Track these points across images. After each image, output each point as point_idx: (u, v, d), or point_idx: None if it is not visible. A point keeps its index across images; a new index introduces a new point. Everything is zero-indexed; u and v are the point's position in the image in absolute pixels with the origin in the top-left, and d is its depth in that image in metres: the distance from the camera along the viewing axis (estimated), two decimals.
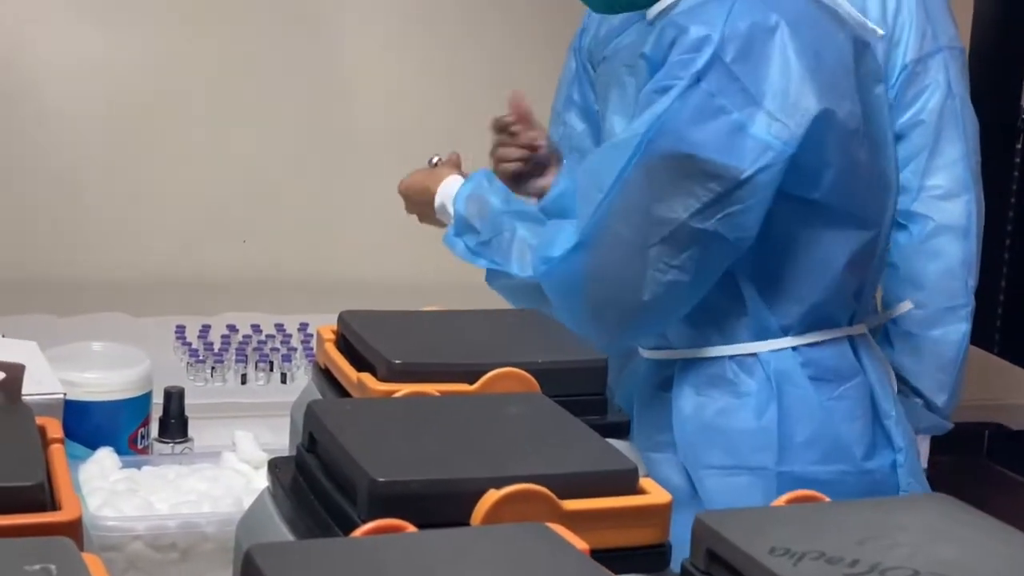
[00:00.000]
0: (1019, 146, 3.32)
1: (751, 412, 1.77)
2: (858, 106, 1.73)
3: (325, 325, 1.50)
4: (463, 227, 1.87)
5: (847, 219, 1.77)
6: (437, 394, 1.28)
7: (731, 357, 1.79)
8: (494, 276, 1.87)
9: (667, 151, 1.64)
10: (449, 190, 1.93)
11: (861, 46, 1.77)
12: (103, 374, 1.70)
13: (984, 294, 2.24)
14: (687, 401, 1.81)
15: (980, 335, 3.00)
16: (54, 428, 1.18)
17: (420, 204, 2.02)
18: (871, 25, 1.81)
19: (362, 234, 3.30)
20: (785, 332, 1.78)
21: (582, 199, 1.71)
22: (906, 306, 2.07)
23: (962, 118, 2.16)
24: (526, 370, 1.31)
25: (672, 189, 1.65)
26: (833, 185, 1.73)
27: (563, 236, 1.72)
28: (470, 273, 3.13)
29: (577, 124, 2.23)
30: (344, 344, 1.43)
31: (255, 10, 3.19)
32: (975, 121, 2.20)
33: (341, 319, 1.45)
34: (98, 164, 3.16)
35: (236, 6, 3.18)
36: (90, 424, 1.66)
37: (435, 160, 2.09)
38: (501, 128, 2.14)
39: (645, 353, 1.90)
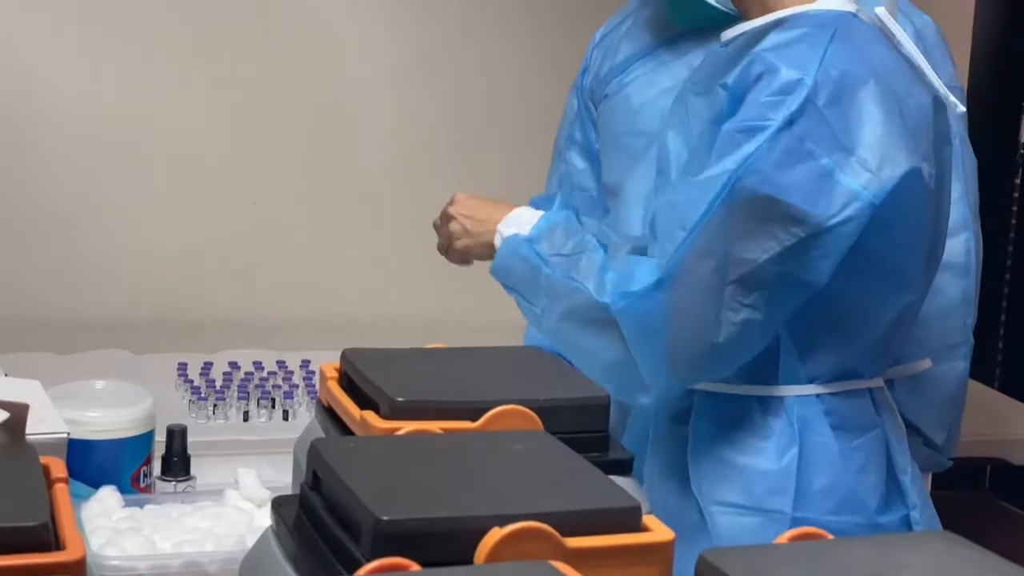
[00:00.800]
0: (1018, 181, 3.33)
1: (772, 454, 1.75)
2: (934, 167, 1.73)
3: (327, 362, 1.50)
4: (540, 237, 1.82)
5: (901, 280, 1.75)
6: (440, 432, 1.28)
7: (756, 397, 1.77)
8: (540, 296, 1.81)
9: (753, 192, 1.62)
10: (532, 212, 1.89)
11: (939, 105, 1.76)
12: (106, 412, 1.70)
13: (984, 329, 2.24)
14: (705, 436, 1.79)
15: (981, 370, 3.00)
16: (58, 467, 1.18)
17: (475, 220, 1.96)
18: (952, 98, 1.76)
19: (364, 272, 3.30)
20: (811, 380, 1.76)
21: (663, 236, 1.68)
22: (925, 364, 2.03)
23: (961, 157, 2.16)
24: (528, 407, 1.31)
25: (753, 231, 1.63)
26: (900, 244, 1.72)
27: (643, 271, 1.69)
28: (472, 311, 3.15)
29: (578, 162, 2.24)
30: (347, 382, 1.44)
31: (256, 48, 3.21)
32: (974, 160, 2.20)
33: (344, 357, 1.46)
34: (99, 201, 3.16)
35: (237, 45, 3.19)
36: (93, 463, 1.66)
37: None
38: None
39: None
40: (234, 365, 2.61)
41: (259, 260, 3.23)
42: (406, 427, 1.29)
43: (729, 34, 1.79)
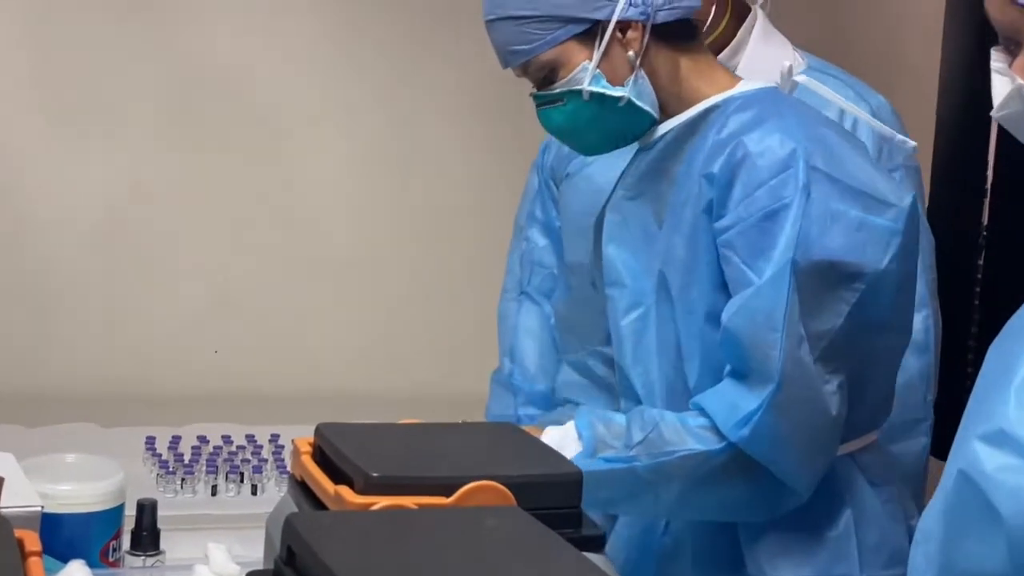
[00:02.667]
0: (981, 262, 3.37)
1: (827, 519, 1.75)
2: None
3: (297, 436, 1.51)
4: (597, 445, 1.71)
5: (905, 319, 1.80)
6: (414, 507, 1.29)
7: None
8: (643, 491, 1.71)
9: (812, 268, 1.64)
10: (557, 430, 1.74)
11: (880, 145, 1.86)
12: (76, 486, 1.70)
13: (947, 406, 2.26)
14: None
15: (944, 449, 3.02)
16: (32, 541, 1.18)
17: None
18: (900, 136, 1.86)
19: (333, 347, 3.31)
20: (843, 440, 1.75)
21: (754, 346, 1.65)
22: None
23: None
24: (502, 483, 1.32)
25: (823, 302, 1.65)
26: (911, 280, 1.77)
27: (741, 393, 1.65)
28: (443, 386, 3.15)
29: (539, 239, 2.26)
30: (321, 456, 1.44)
31: (226, 130, 3.23)
32: (931, 239, 2.24)
33: (318, 431, 1.47)
34: (68, 276, 3.17)
35: (209, 127, 3.22)
36: (62, 536, 1.65)
37: None
38: None
39: None
40: (203, 439, 2.60)
41: (228, 334, 3.24)
42: (381, 502, 1.29)
43: (653, 135, 1.81)
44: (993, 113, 1.26)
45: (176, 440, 2.59)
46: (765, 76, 2.16)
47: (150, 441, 2.57)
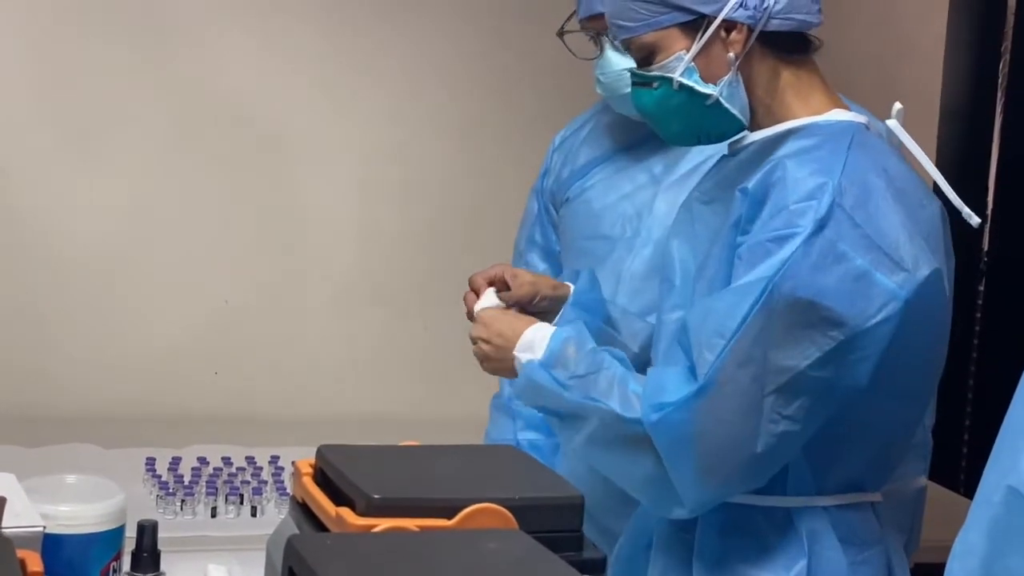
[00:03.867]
0: (981, 288, 3.38)
1: (780, 566, 1.71)
2: (947, 276, 1.73)
3: (298, 458, 1.51)
4: (554, 360, 1.75)
5: (916, 388, 1.74)
6: (416, 529, 1.29)
7: (763, 507, 1.73)
8: (566, 420, 1.74)
9: (791, 298, 1.59)
10: (542, 330, 1.80)
11: (944, 218, 1.77)
12: (77, 507, 1.69)
13: (948, 434, 2.27)
14: (711, 545, 1.74)
15: (944, 475, 3.02)
16: (34, 561, 1.18)
17: (495, 346, 1.84)
18: (967, 209, 1.76)
19: (333, 369, 3.31)
20: (819, 491, 1.73)
21: (699, 343, 1.63)
22: (921, 481, 2.02)
23: None
24: (504, 506, 1.32)
25: (793, 336, 1.60)
26: (921, 349, 1.70)
27: (674, 382, 1.64)
28: (444, 408, 3.16)
29: (538, 264, 2.26)
30: (322, 478, 1.44)
31: (227, 153, 3.24)
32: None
33: (319, 453, 1.47)
34: (69, 297, 3.17)
35: (210, 150, 3.23)
36: (63, 557, 1.64)
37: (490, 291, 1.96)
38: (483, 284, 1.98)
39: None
40: (203, 460, 2.60)
41: (229, 356, 3.24)
42: (382, 524, 1.29)
43: (738, 143, 1.78)
44: None
45: (176, 461, 2.59)
46: None
47: (150, 462, 2.58)
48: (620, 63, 2.08)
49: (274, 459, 2.63)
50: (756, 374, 1.60)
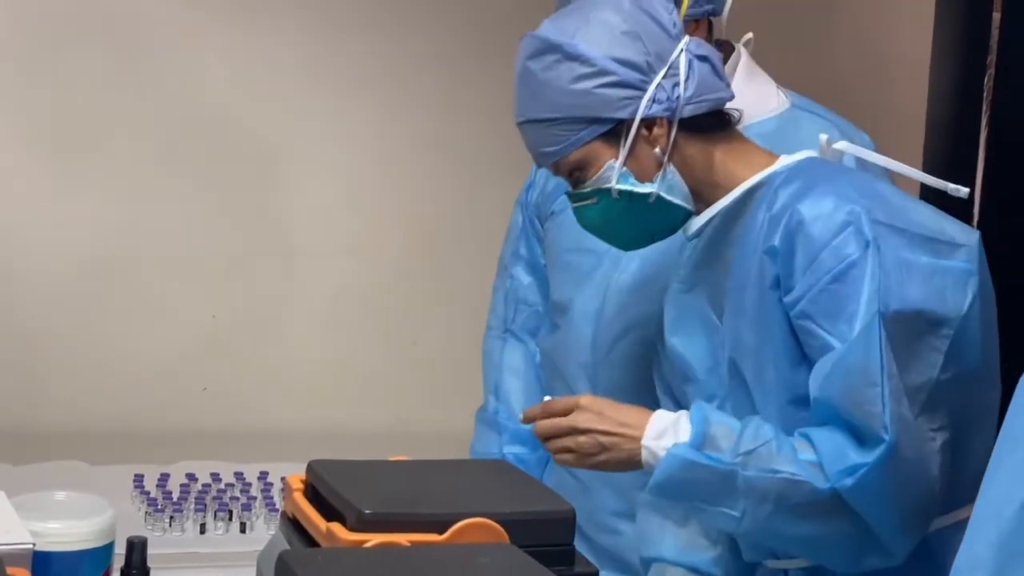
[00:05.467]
0: None
1: None
2: None
3: (287, 474, 1.51)
4: (705, 441, 1.65)
5: (995, 374, 1.74)
6: (407, 544, 1.29)
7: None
8: (732, 500, 1.65)
9: (898, 320, 1.60)
10: (669, 415, 1.71)
11: None
12: (66, 524, 1.69)
13: None
14: None
15: None
16: None
17: (612, 435, 1.71)
18: (952, 184, 1.79)
19: (321, 384, 3.31)
20: (949, 508, 1.68)
21: (855, 405, 1.59)
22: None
23: None
24: (495, 520, 1.32)
25: (915, 353, 1.62)
26: (991, 327, 1.73)
27: (852, 444, 1.60)
28: (433, 423, 3.15)
29: (524, 277, 2.26)
30: (313, 493, 1.44)
31: (216, 167, 3.24)
32: None
33: (310, 468, 1.47)
34: (56, 312, 3.16)
35: (199, 164, 3.23)
36: (52, 574, 1.64)
37: (547, 398, 1.84)
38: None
39: (769, 563, 1.77)
40: (191, 477, 2.59)
41: (217, 372, 3.23)
42: (373, 539, 1.29)
43: (696, 224, 1.79)
44: None
45: (165, 478, 2.58)
46: (748, 115, 2.18)
47: (138, 479, 2.57)
48: None
49: (263, 475, 2.63)
50: (909, 403, 1.60)
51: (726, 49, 2.23)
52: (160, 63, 3.19)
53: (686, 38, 1.77)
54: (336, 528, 1.33)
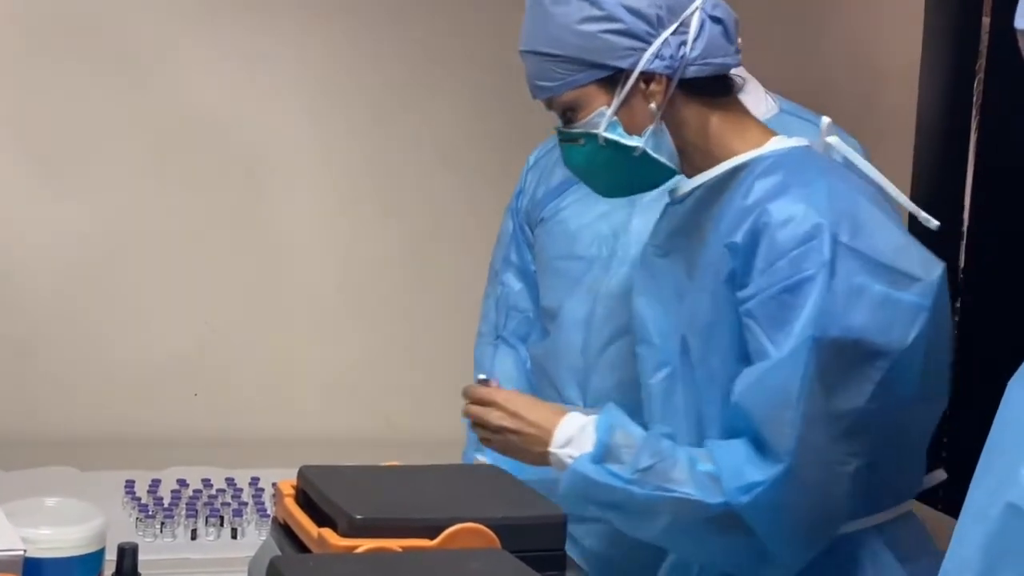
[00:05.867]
0: (957, 304, 3.40)
1: None
2: None
3: (279, 479, 1.51)
4: (606, 454, 1.68)
5: (941, 384, 1.74)
6: (399, 549, 1.29)
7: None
8: (633, 513, 1.68)
9: (835, 346, 1.59)
10: (579, 420, 1.73)
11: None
12: (57, 530, 1.68)
13: (928, 451, 2.28)
14: None
15: (923, 492, 3.03)
16: None
17: (524, 435, 1.75)
18: (923, 213, 1.78)
19: (312, 390, 3.31)
20: (870, 511, 1.71)
21: (768, 422, 1.61)
22: (939, 475, 2.02)
23: None
24: (486, 525, 1.32)
25: (847, 379, 1.61)
26: (943, 345, 1.72)
27: (753, 461, 1.61)
28: (424, 429, 3.15)
29: (514, 283, 2.26)
30: (304, 499, 1.44)
31: (206, 173, 3.24)
32: None
33: (301, 474, 1.47)
34: (47, 318, 3.16)
35: (189, 170, 3.23)
36: None
37: (483, 376, 1.90)
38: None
39: None
40: (182, 482, 2.59)
41: (208, 378, 3.23)
42: (364, 545, 1.29)
43: (683, 189, 1.78)
44: None
45: (156, 484, 2.58)
46: None
47: (129, 485, 2.57)
48: None
49: (254, 480, 2.63)
50: (823, 428, 1.61)
51: None
52: (150, 68, 3.19)
53: None
54: (327, 534, 1.32)
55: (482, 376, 1.88)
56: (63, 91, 3.14)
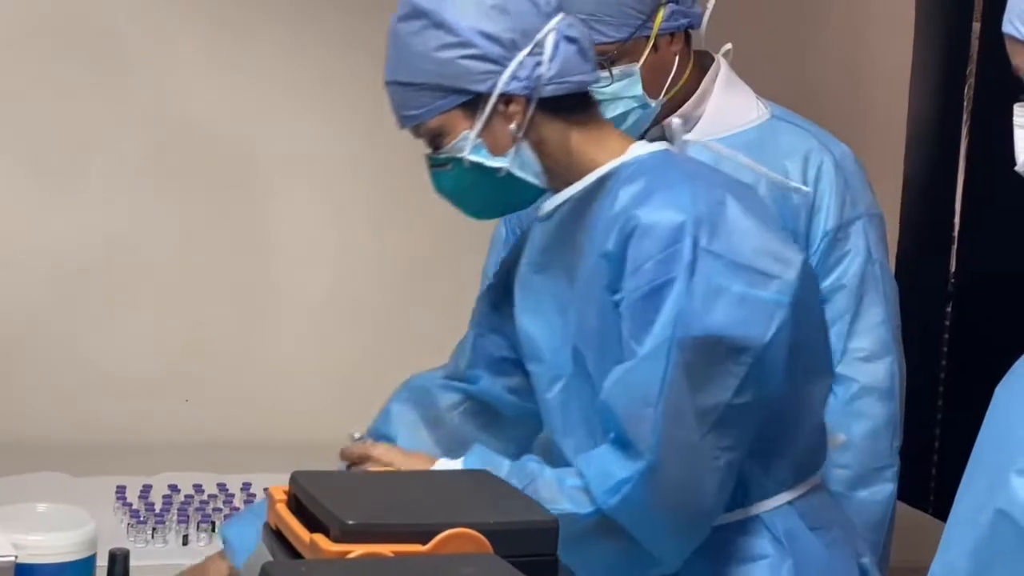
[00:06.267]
0: (948, 309, 3.41)
1: (766, 573, 1.76)
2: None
3: (271, 485, 1.50)
4: None
5: (822, 363, 1.83)
6: (391, 555, 1.29)
7: (736, 522, 1.78)
8: None
9: (695, 344, 1.66)
10: (449, 464, 1.80)
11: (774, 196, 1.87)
12: (48, 536, 1.69)
13: (917, 454, 2.30)
14: (698, 571, 1.77)
15: (914, 495, 3.04)
16: None
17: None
18: (794, 183, 1.87)
19: (304, 395, 3.30)
20: (779, 489, 1.79)
21: (629, 418, 1.68)
22: (840, 439, 2.08)
23: (882, 282, 2.23)
24: (478, 531, 1.32)
25: (710, 376, 1.67)
26: (815, 330, 1.80)
27: (617, 461, 1.67)
28: None
29: None
30: (296, 504, 1.44)
31: (199, 177, 3.23)
32: (895, 285, 2.27)
33: (293, 479, 1.46)
34: (37, 323, 3.15)
35: (181, 174, 3.22)
36: None
37: (357, 436, 1.98)
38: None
39: None
40: (174, 488, 2.59)
41: (199, 382, 3.23)
42: (357, 550, 1.29)
43: (549, 205, 1.83)
44: (1018, 168, 1.28)
45: (147, 489, 2.58)
46: (728, 125, 2.20)
47: (120, 490, 2.56)
48: None
49: (246, 486, 2.63)
50: (689, 424, 1.67)
51: (706, 60, 2.24)
52: (143, 72, 3.19)
53: (559, 16, 1.77)
54: (319, 539, 1.32)
55: (357, 435, 1.95)
56: (56, 94, 3.14)
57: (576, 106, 1.79)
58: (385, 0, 1.87)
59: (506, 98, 1.75)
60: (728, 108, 2.22)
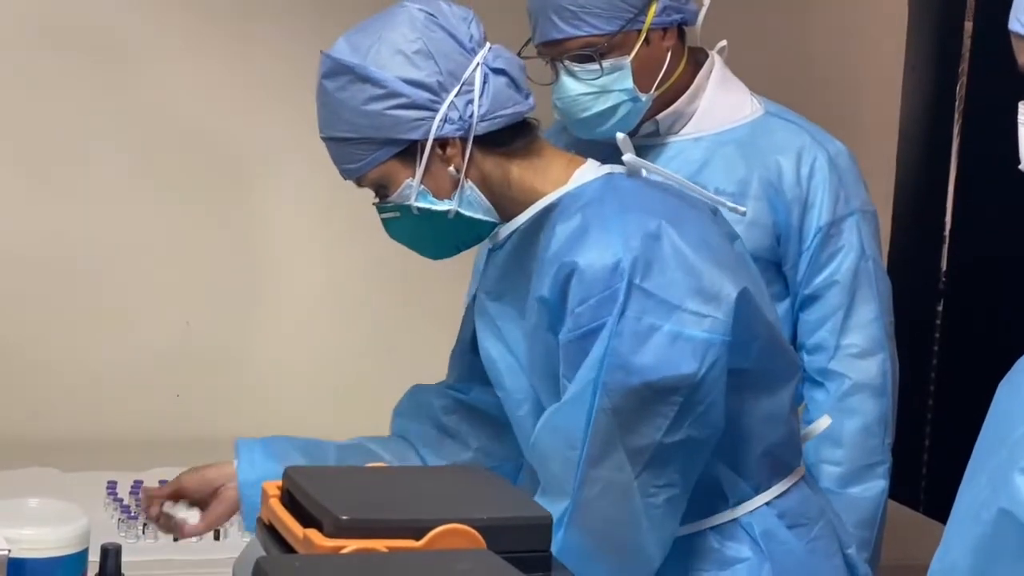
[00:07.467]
0: (939, 307, 3.41)
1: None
2: (751, 274, 1.80)
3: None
4: None
5: (783, 370, 1.81)
6: (384, 550, 1.29)
7: (714, 528, 1.78)
8: None
9: (622, 386, 1.65)
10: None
11: (712, 213, 1.83)
12: (40, 530, 1.68)
13: (909, 452, 2.30)
14: None
15: (905, 493, 3.04)
16: None
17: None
18: (730, 204, 1.84)
19: (296, 391, 3.30)
20: (756, 490, 1.79)
21: (555, 463, 1.69)
22: (825, 421, 2.07)
23: (875, 278, 2.23)
24: (472, 526, 1.32)
25: (640, 417, 1.66)
26: (761, 351, 1.77)
27: (549, 505, 1.59)
28: None
29: None
30: (289, 499, 1.44)
31: (189, 174, 3.23)
32: (887, 282, 2.27)
33: (286, 474, 1.46)
34: (28, 318, 3.15)
35: (171, 171, 3.22)
36: None
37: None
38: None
39: None
40: (165, 483, 2.58)
41: (190, 378, 3.22)
42: (350, 545, 1.29)
43: (499, 236, 1.83)
44: (1023, 166, 1.28)
45: (138, 484, 2.57)
46: (722, 121, 2.20)
47: (112, 486, 2.56)
48: (575, 88, 2.12)
49: None
50: (621, 464, 1.66)
51: (700, 57, 2.24)
52: (132, 72, 3.18)
53: (484, 49, 1.77)
54: (313, 534, 1.32)
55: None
56: (45, 94, 3.13)
57: (514, 137, 1.78)
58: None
59: (441, 142, 1.75)
60: (722, 104, 2.22)
